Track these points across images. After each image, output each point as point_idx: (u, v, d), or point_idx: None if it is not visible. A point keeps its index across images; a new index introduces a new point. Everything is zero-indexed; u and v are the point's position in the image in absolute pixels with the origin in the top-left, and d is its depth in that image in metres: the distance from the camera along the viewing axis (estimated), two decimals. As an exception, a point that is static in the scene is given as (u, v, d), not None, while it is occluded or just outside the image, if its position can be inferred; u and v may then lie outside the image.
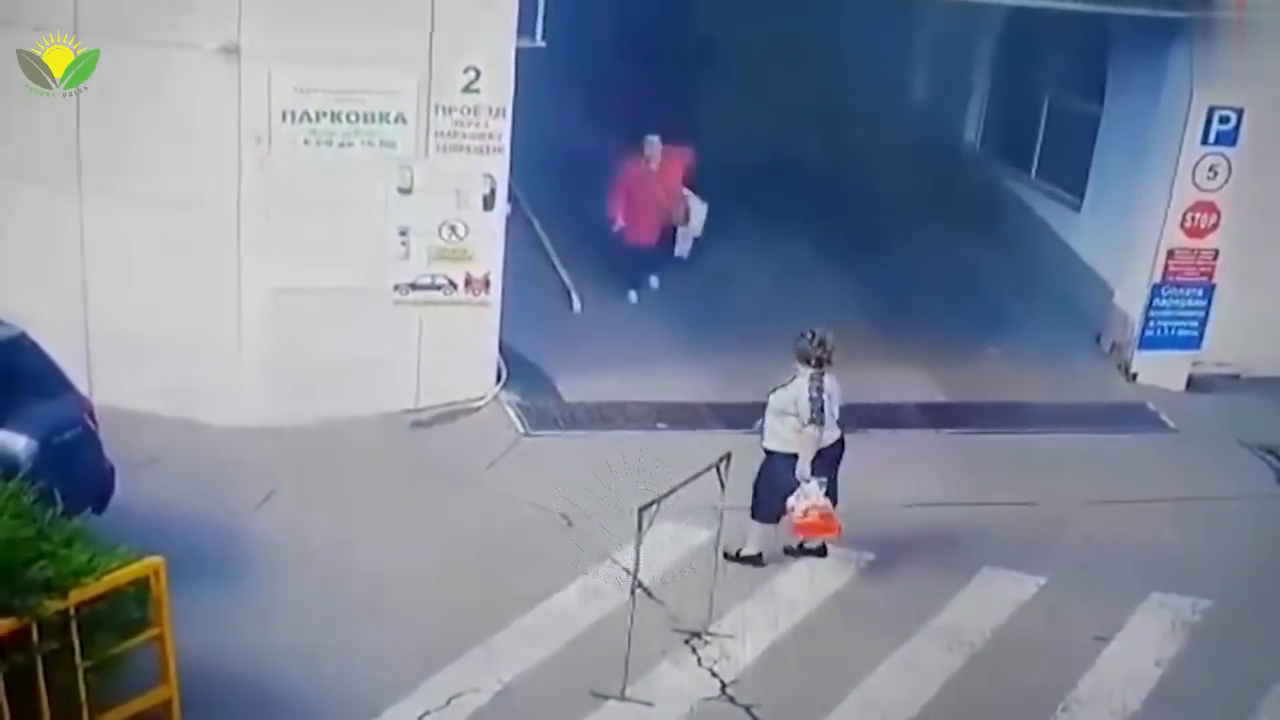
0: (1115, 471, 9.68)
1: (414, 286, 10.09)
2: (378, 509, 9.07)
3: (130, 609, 6.44)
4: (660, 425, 10.62)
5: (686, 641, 7.93)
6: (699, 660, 7.79)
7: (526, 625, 8.00)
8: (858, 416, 10.73)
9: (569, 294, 12.13)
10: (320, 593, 8.10)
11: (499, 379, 10.97)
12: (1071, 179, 12.46)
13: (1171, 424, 10.87)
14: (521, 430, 10.47)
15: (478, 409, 10.69)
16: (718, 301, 11.91)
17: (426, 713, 7.20)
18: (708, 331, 11.58)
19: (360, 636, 7.76)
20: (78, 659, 6.19)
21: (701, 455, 9.83)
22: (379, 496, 9.24)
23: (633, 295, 12.09)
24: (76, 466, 7.68)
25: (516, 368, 11.08)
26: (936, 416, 10.91)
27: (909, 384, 11.23)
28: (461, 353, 10.46)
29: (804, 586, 8.36)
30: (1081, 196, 12.40)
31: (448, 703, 7.27)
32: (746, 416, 10.48)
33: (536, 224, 12.41)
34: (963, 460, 9.87)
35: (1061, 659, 7.90)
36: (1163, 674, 7.92)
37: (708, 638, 7.94)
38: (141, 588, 6.45)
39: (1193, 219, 11.24)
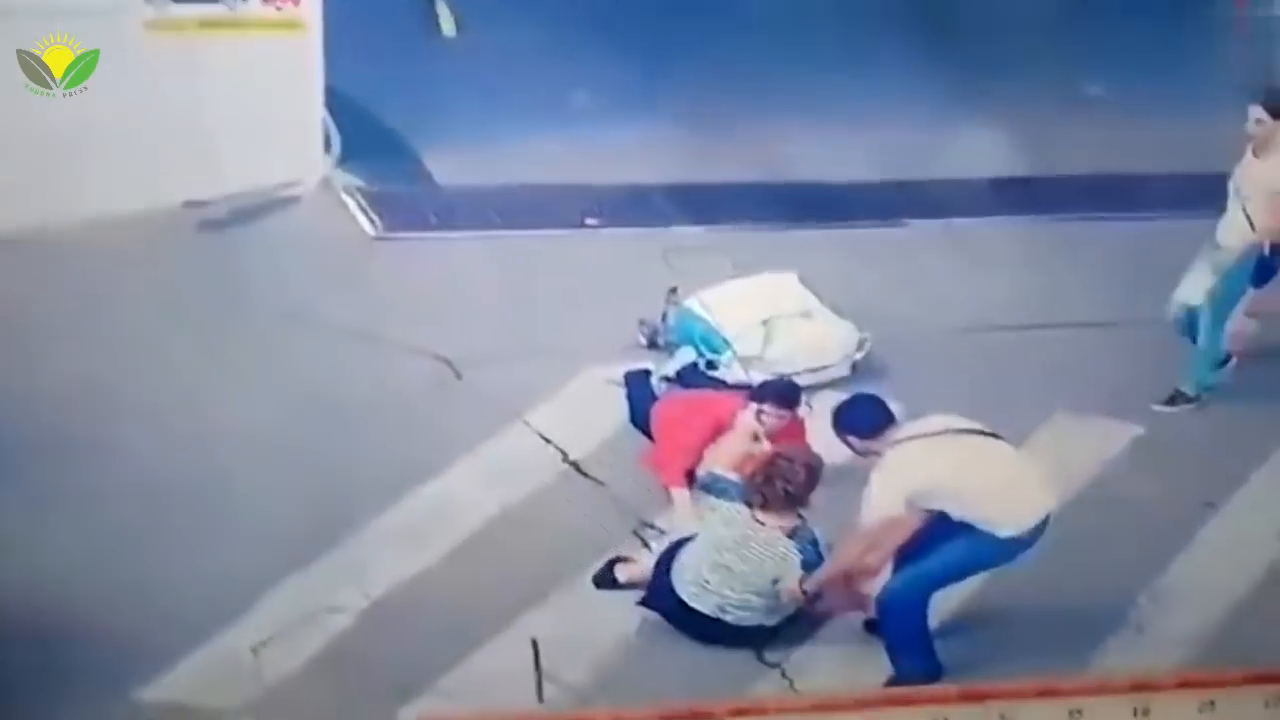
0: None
1: (179, -1, 10.77)
2: (164, 359, 10.24)
3: None
4: (590, 221, 11.90)
5: (636, 533, 9.37)
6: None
7: (401, 521, 9.26)
8: (903, 201, 12.22)
9: (434, 8, 13.38)
10: (103, 481, 9.24)
11: (327, 149, 12.17)
12: None
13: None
14: (372, 231, 11.67)
15: (298, 198, 11.93)
16: (683, 27, 13.16)
17: (270, 638, 8.39)
18: (666, 74, 12.75)
19: (170, 540, 8.94)
20: None
21: (651, 267, 11.27)
22: (162, 340, 10.38)
23: None
24: None
25: (357, 132, 12.27)
26: (1012, 196, 12.24)
27: (977, 150, 12.53)
28: (264, 108, 11.56)
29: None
30: None
31: (299, 623, 8.54)
32: (721, 206, 12.02)
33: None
34: (1045, 260, 11.23)
35: (1154, 533, 9.39)
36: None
37: (664, 526, 9.39)
38: None
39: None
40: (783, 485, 8.81)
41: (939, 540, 8.58)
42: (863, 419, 8.73)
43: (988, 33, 13.60)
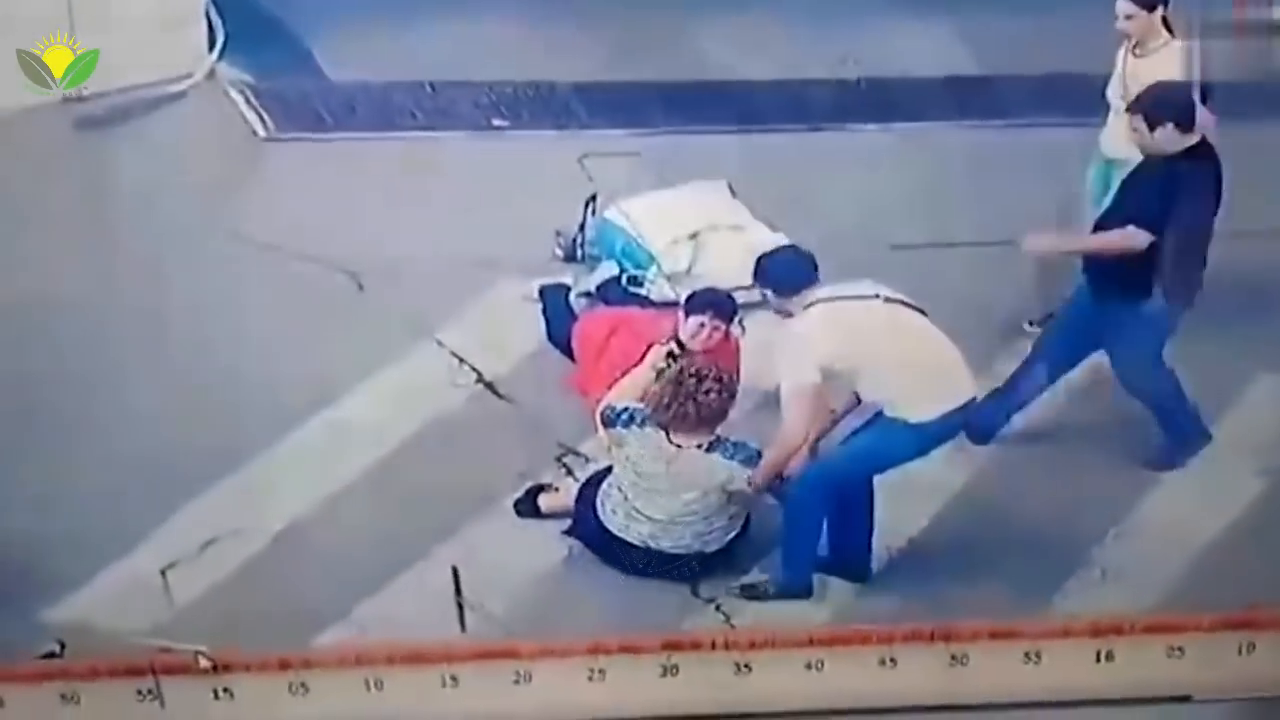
0: (1253, 184, 10.81)
1: None
2: (42, 268, 10.05)
3: None
4: (498, 122, 11.66)
5: (560, 460, 9.23)
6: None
7: (310, 442, 9.13)
8: (838, 102, 11.78)
9: None
10: None
11: (212, 43, 11.86)
12: None
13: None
14: (262, 131, 11.40)
15: (182, 94, 11.63)
16: None
17: (179, 561, 8.38)
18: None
19: (72, 459, 8.89)
20: None
21: (567, 174, 10.94)
22: (39, 247, 10.21)
23: None
24: None
25: (242, 22, 11.96)
26: (965, 98, 11.94)
27: (921, 45, 12.25)
28: None
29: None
30: None
31: (201, 551, 8.46)
32: (643, 108, 11.69)
33: None
34: (1002, 169, 10.84)
35: (1121, 467, 9.23)
36: (1266, 487, 9.25)
37: (588, 452, 9.21)
38: None
39: None
40: (693, 406, 8.55)
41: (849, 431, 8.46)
42: (783, 273, 8.52)
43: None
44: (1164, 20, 9.65)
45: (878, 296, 8.38)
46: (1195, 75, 9.51)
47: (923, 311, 8.42)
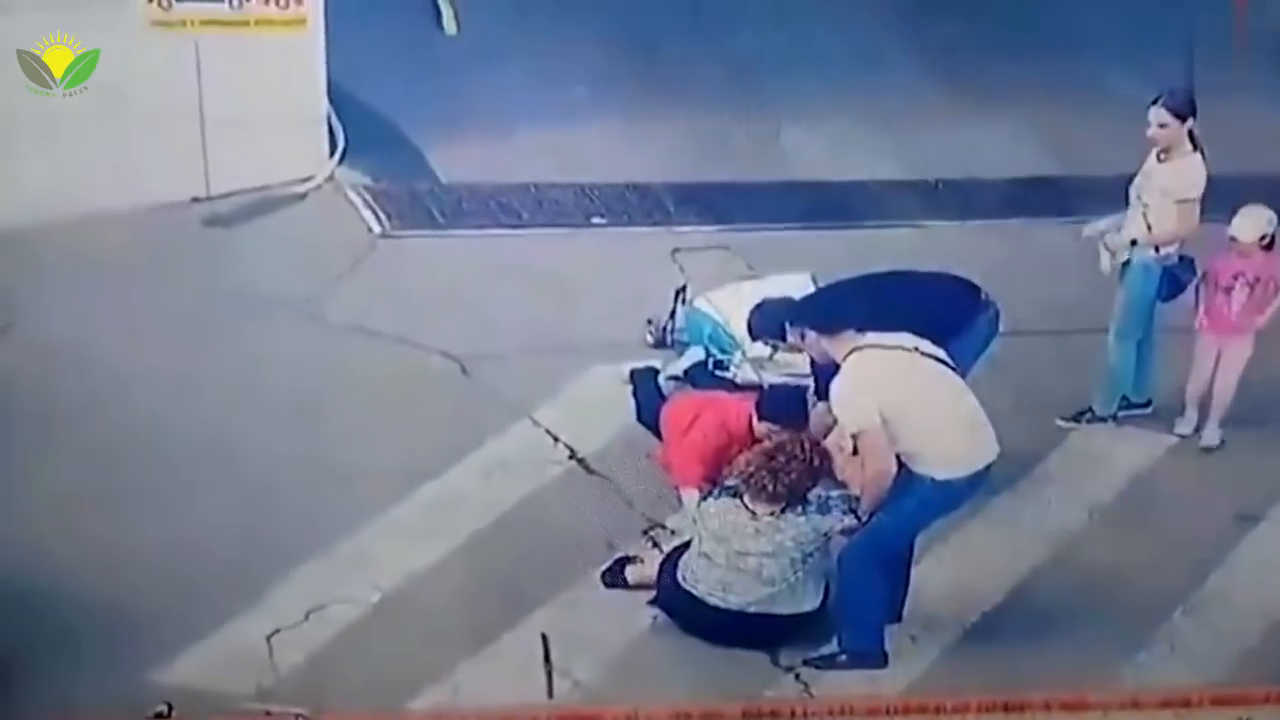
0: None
1: (181, -9, 10.80)
2: (173, 356, 10.09)
3: None
4: (596, 219, 11.62)
5: (646, 533, 9.11)
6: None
7: (411, 515, 9.11)
8: (909, 200, 11.79)
9: (437, 7, 13.05)
10: (119, 474, 9.21)
11: (333, 149, 11.88)
12: None
13: None
14: (378, 229, 11.39)
15: (303, 196, 11.64)
16: (685, 22, 12.88)
17: (277, 631, 8.33)
18: (667, 71, 12.52)
19: (169, 529, 8.86)
20: None
21: (660, 267, 11.01)
22: (170, 336, 10.25)
23: None
24: None
25: (362, 129, 11.98)
26: (1034, 198, 11.86)
27: (992, 146, 12.18)
28: (269, 103, 11.30)
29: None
30: None
31: (306, 617, 8.41)
32: (732, 206, 11.68)
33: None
34: (1072, 265, 10.54)
35: (1188, 545, 9.10)
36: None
37: (674, 526, 9.06)
38: None
39: None
40: (772, 480, 8.38)
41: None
42: (824, 314, 8.57)
43: (1007, 20, 13.39)
44: (1190, 134, 9.54)
45: (916, 350, 8.20)
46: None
47: (955, 369, 8.26)
